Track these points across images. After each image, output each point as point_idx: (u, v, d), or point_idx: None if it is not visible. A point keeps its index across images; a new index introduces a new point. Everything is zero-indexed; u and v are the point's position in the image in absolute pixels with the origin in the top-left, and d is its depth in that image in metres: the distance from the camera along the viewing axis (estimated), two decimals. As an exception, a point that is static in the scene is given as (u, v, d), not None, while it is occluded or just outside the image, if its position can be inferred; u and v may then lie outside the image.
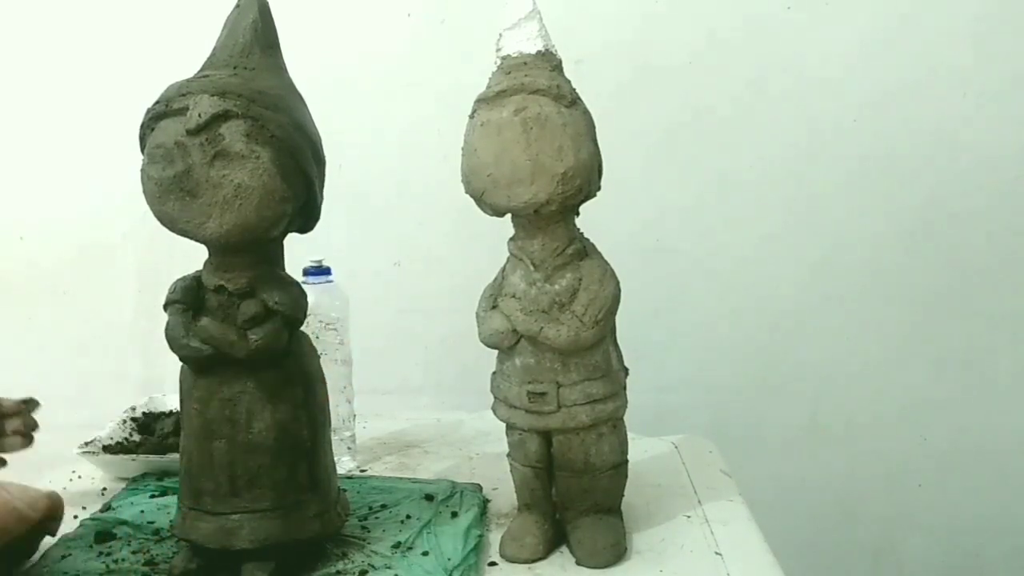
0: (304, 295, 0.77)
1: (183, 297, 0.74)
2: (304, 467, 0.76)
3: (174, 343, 0.73)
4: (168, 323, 0.74)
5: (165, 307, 0.75)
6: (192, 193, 0.69)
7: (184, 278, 0.76)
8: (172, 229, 0.71)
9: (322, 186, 0.76)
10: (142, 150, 0.72)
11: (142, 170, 0.71)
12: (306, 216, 0.75)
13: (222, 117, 0.68)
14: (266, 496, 0.74)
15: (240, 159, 0.68)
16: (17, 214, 1.38)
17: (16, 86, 1.36)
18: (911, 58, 1.30)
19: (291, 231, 0.76)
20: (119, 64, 1.32)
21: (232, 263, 0.73)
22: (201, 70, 0.73)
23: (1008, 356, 1.37)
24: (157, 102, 0.70)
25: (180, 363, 0.76)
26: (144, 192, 0.71)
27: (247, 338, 0.72)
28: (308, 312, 0.77)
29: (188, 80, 0.71)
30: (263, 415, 0.73)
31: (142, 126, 0.71)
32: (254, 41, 0.73)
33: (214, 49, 0.74)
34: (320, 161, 0.75)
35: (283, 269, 0.78)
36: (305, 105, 0.75)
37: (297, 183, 0.71)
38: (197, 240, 0.72)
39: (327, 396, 0.80)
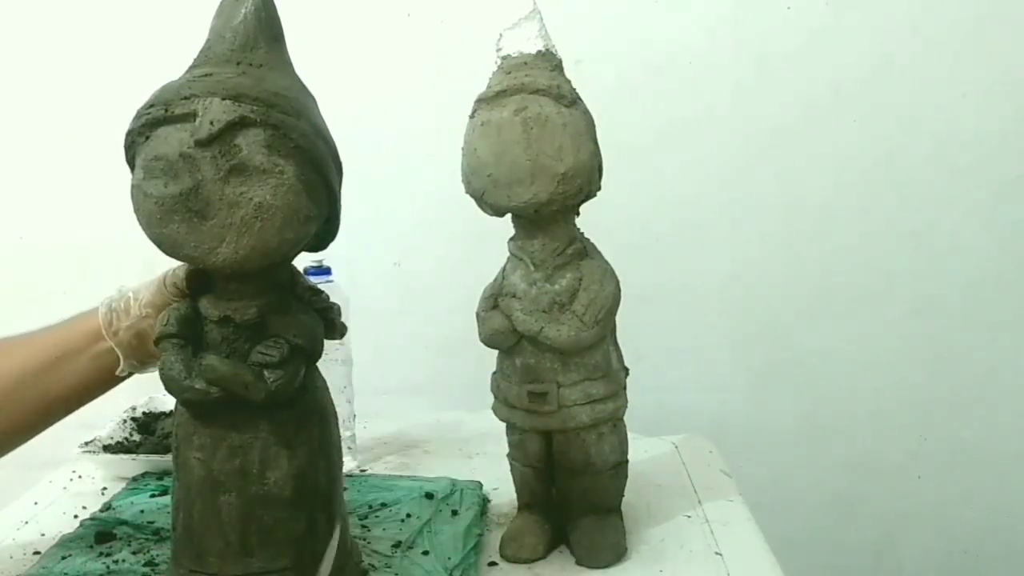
0: (320, 324, 0.68)
1: (180, 330, 0.64)
2: (323, 517, 0.67)
3: (173, 384, 0.63)
4: (164, 362, 0.63)
5: (157, 342, 0.65)
6: (202, 214, 0.59)
7: (178, 307, 0.66)
8: (174, 255, 0.62)
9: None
10: (129, 161, 0.62)
11: (136, 186, 0.61)
12: (323, 234, 0.66)
13: (238, 125, 0.58)
14: (284, 554, 0.65)
15: (261, 174, 0.59)
16: (17, 214, 1.38)
17: (16, 85, 1.36)
18: (912, 58, 1.30)
19: (304, 250, 0.67)
20: (119, 62, 1.32)
21: (240, 291, 0.64)
22: (196, 66, 0.63)
23: (1008, 355, 1.37)
24: (152, 105, 0.60)
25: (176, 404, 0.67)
26: (138, 212, 0.61)
27: (264, 378, 0.62)
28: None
29: (189, 79, 0.61)
30: (278, 463, 0.64)
31: (131, 133, 0.61)
32: (258, 32, 0.62)
33: (208, 41, 0.63)
34: (341, 172, 0.66)
35: (293, 290, 0.69)
36: (318, 106, 0.66)
37: (322, 199, 0.63)
38: (205, 267, 0.62)
39: (340, 434, 0.72)
